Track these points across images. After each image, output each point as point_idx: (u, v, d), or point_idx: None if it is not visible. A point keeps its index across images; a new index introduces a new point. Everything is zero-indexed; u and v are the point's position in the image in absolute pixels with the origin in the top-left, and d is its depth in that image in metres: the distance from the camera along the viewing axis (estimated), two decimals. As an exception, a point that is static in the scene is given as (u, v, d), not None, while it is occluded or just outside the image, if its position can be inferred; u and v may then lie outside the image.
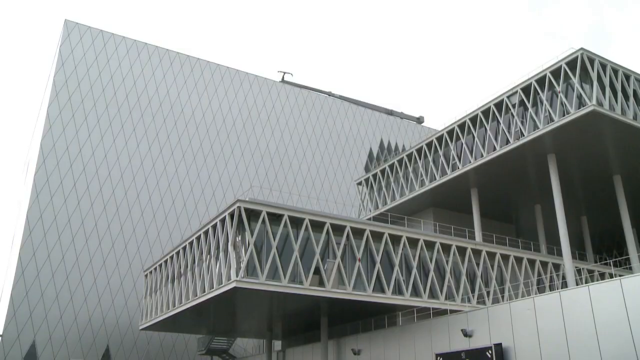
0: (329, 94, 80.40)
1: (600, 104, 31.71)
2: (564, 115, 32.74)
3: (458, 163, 39.97)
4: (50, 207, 55.41)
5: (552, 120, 33.51)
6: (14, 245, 57.92)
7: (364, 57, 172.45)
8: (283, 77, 77.86)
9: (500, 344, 25.30)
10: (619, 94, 33.65)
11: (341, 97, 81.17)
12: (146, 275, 42.97)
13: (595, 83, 32.08)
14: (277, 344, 46.25)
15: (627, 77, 35.36)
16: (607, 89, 32.88)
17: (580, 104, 32.09)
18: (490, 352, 25.18)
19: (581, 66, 32.73)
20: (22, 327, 51.37)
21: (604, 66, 33.80)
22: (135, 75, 64.73)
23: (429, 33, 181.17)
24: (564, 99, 33.17)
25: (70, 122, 58.71)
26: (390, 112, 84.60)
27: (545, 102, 34.22)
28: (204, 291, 30.28)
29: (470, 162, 38.68)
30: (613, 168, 37.75)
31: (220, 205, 62.35)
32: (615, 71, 34.61)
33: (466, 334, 27.04)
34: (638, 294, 21.09)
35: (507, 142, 36.33)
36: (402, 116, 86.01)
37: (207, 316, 37.58)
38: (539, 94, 35.09)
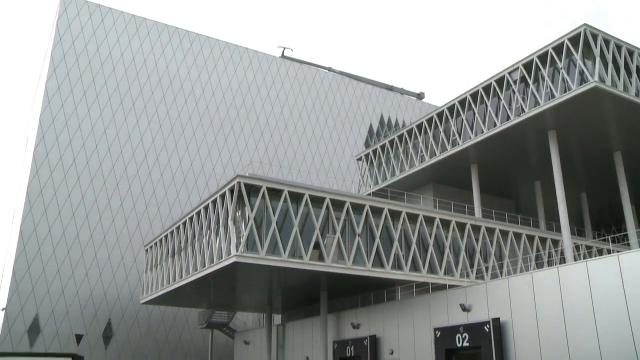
0: (329, 69, 79.95)
1: (602, 80, 31.56)
2: (565, 92, 32.62)
3: (458, 139, 39.94)
4: (50, 183, 55.46)
5: (553, 96, 33.39)
6: (14, 220, 58.10)
7: (364, 32, 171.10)
8: (283, 52, 77.35)
9: (498, 318, 25.57)
10: (622, 70, 33.47)
11: (341, 73, 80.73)
12: (147, 250, 43.21)
13: (597, 59, 31.88)
14: (277, 318, 46.72)
15: (631, 53, 35.10)
16: (610, 65, 32.69)
17: (582, 80, 31.95)
18: (488, 326, 25.45)
19: (584, 42, 32.50)
20: (25, 300, 51.81)
21: (607, 42, 33.56)
22: (134, 51, 64.29)
23: (431, 9, 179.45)
24: (565, 75, 33.01)
25: (69, 97, 58.46)
26: (390, 88, 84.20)
27: (546, 78, 34.06)
28: (204, 266, 30.50)
29: (470, 138, 38.65)
30: (613, 145, 37.72)
31: (220, 180, 62.42)
32: (619, 47, 34.38)
33: (464, 309, 27.30)
34: (635, 270, 21.26)
35: (508, 118, 36.25)
36: (402, 92, 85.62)
37: (208, 290, 37.89)
38: (540, 70, 34.91)
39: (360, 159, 52.47)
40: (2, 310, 51.80)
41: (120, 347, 53.58)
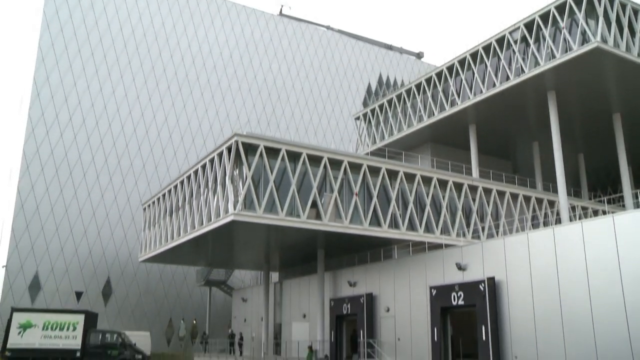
0: (328, 27, 78.84)
1: (604, 40, 31.18)
2: (566, 52, 32.27)
3: (457, 99, 39.70)
4: (47, 141, 55.20)
5: (554, 57, 33.06)
6: (12, 179, 58.07)
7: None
8: (281, 10, 76.18)
9: (493, 277, 25.86)
10: (625, 30, 33.01)
11: (340, 32, 79.66)
12: (145, 209, 43.35)
13: (601, 19, 31.43)
14: (275, 276, 47.18)
15: (636, 12, 34.50)
16: (613, 25, 32.22)
17: (584, 40, 31.58)
18: (483, 285, 25.76)
19: (587, 1, 31.99)
20: (25, 258, 52.19)
21: (611, 1, 32.99)
22: (130, 7, 63.16)
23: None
24: (567, 35, 32.62)
25: (63, 54, 57.68)
26: (389, 47, 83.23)
27: (548, 38, 33.65)
28: (202, 224, 30.64)
29: (469, 98, 38.42)
30: (613, 106, 37.52)
31: (217, 139, 62.17)
32: (623, 6, 33.82)
33: (460, 268, 27.58)
34: (629, 231, 21.42)
35: (507, 78, 35.98)
36: (401, 51, 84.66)
37: (205, 249, 38.17)
38: (542, 30, 34.46)
39: (358, 118, 52.23)
40: (3, 267, 52.24)
41: (120, 304, 54.28)
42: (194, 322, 59.63)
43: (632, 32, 33.85)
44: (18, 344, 33.51)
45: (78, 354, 33.59)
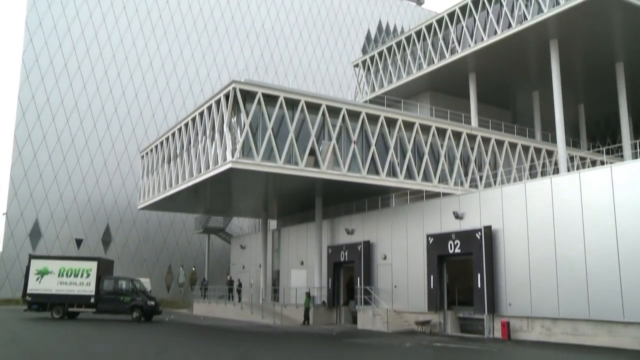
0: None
1: (611, -16, 30.47)
2: (570, -2, 31.58)
3: (457, 47, 39.12)
4: (42, 88, 54.63)
5: (557, 3, 32.37)
6: (8, 126, 57.69)
7: None
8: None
9: (490, 226, 26.05)
10: (631, -26, 32.23)
11: (340, -24, 77.73)
12: (142, 156, 43.26)
13: (605, -38, 30.64)
14: (273, 223, 47.53)
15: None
16: (619, -31, 31.45)
17: (590, -16, 30.84)
18: (479, 234, 25.97)
19: (592, -57, 31.13)
20: (24, 206, 52.43)
21: (616, -56, 32.09)
22: (124, -52, 61.43)
23: None
24: (571, -20, 31.85)
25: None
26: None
27: (551, -17, 32.89)
28: (200, 172, 30.62)
29: (470, 46, 37.87)
30: (616, 55, 37.00)
31: (215, 86, 61.55)
32: (629, -51, 32.91)
33: (457, 216, 27.74)
34: (626, 182, 21.47)
35: (509, 26, 35.36)
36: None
37: (204, 196, 38.31)
38: (545, -26, 33.64)
39: (357, 65, 51.58)
40: (3, 215, 52.55)
41: (119, 251, 54.86)
42: (193, 269, 60.43)
43: (639, -23, 33.05)
44: (37, 290, 34.60)
45: (92, 300, 34.19)
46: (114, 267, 40.00)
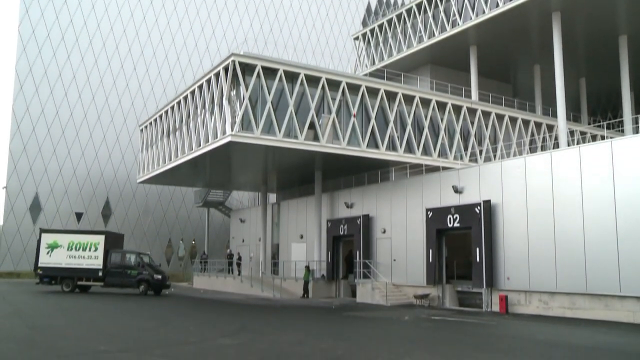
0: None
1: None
2: (574, -32, 31.13)
3: (458, 19, 38.68)
4: (39, 61, 54.22)
5: (560, -26, 31.93)
6: (6, 99, 57.42)
7: None
8: None
9: (489, 200, 26.08)
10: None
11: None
12: (142, 130, 43.09)
13: None
14: (272, 197, 47.60)
15: None
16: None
17: (594, -45, 30.35)
18: (479, 208, 26.00)
19: None
20: (24, 179, 52.45)
21: None
22: None
23: None
24: (578, -50, 31.35)
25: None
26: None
27: (555, -47, 32.38)
28: (200, 145, 30.52)
29: (471, 18, 37.43)
30: (620, 28, 36.56)
31: (214, 59, 61.14)
32: None
33: (457, 191, 27.75)
34: (627, 156, 21.42)
35: (512, -3, 34.93)
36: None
37: (203, 170, 38.27)
38: (549, -56, 33.11)
39: (357, 38, 51.07)
40: (3, 188, 52.59)
41: (120, 225, 55.02)
42: (193, 242, 60.73)
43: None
44: (47, 263, 34.79)
45: (100, 274, 34.23)
46: (124, 241, 39.89)
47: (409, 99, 32.25)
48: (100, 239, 35.05)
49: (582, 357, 12.91)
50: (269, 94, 27.56)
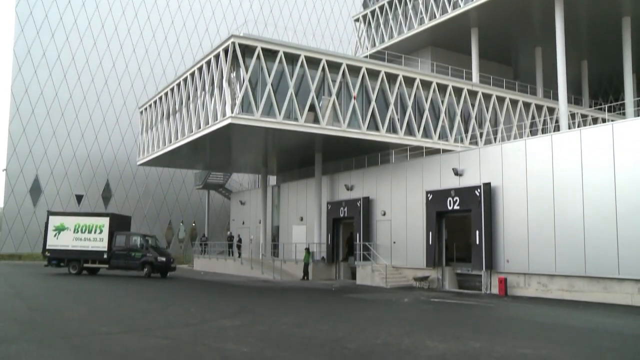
0: None
1: None
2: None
3: (460, 1, 38.37)
4: (38, 42, 53.90)
5: (563, -46, 31.62)
6: (4, 80, 57.24)
7: None
8: None
9: (489, 183, 26.06)
10: None
11: None
12: (141, 112, 42.97)
13: None
14: (272, 179, 47.60)
15: None
16: None
17: None
18: (479, 190, 26.00)
19: None
20: (24, 162, 52.40)
21: None
22: None
23: None
24: None
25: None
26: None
27: None
28: (200, 127, 30.46)
29: (472, 0, 37.14)
30: (624, 9, 36.22)
31: (214, 40, 60.78)
32: None
33: (457, 173, 27.73)
34: (628, 139, 21.35)
35: (514, -22, 34.63)
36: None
37: (203, 152, 38.23)
38: None
39: (357, 19, 50.71)
40: (3, 171, 52.60)
41: (120, 207, 55.08)
42: (193, 224, 60.87)
43: None
44: (55, 245, 34.81)
45: (105, 256, 34.04)
46: (131, 223, 39.37)
47: (409, 81, 32.12)
48: (105, 221, 34.76)
49: (581, 338, 12.99)
50: (269, 76, 27.44)
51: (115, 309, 17.49)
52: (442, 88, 33.32)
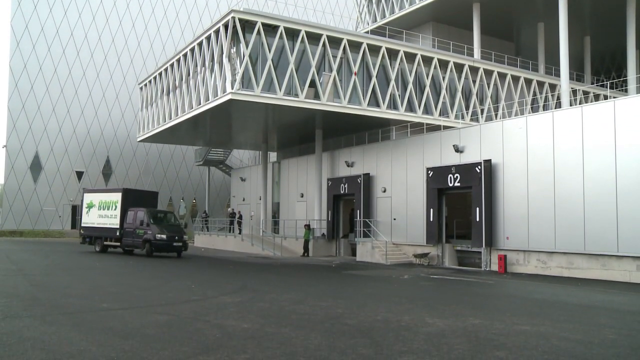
0: None
1: None
2: None
3: (462, -25, 37.94)
4: (36, 17, 53.43)
5: None
6: (2, 56, 56.83)
7: None
8: None
9: (490, 160, 26.03)
10: None
11: None
12: (141, 88, 42.76)
13: None
14: (273, 156, 47.55)
15: None
16: None
17: None
18: (479, 167, 25.97)
19: None
20: (24, 138, 52.30)
21: None
22: None
23: None
24: None
25: None
26: None
27: None
28: (200, 103, 30.35)
29: (475, -26, 36.74)
30: (628, -16, 35.93)
31: (214, 15, 60.27)
32: None
33: (457, 150, 27.68)
34: (629, 117, 21.25)
35: (517, -48, 34.18)
36: None
37: (204, 128, 38.13)
38: None
39: (359, -5, 50.21)
40: (3, 147, 52.51)
41: (120, 183, 55.14)
42: (194, 201, 60.98)
43: None
44: (87, 223, 34.77)
45: (117, 233, 32.28)
46: (158, 199, 37.50)
47: (410, 57, 31.90)
48: (118, 196, 33.00)
49: (579, 315, 13.07)
50: (270, 52, 27.25)
51: (117, 286, 17.59)
52: (444, 64, 33.10)
